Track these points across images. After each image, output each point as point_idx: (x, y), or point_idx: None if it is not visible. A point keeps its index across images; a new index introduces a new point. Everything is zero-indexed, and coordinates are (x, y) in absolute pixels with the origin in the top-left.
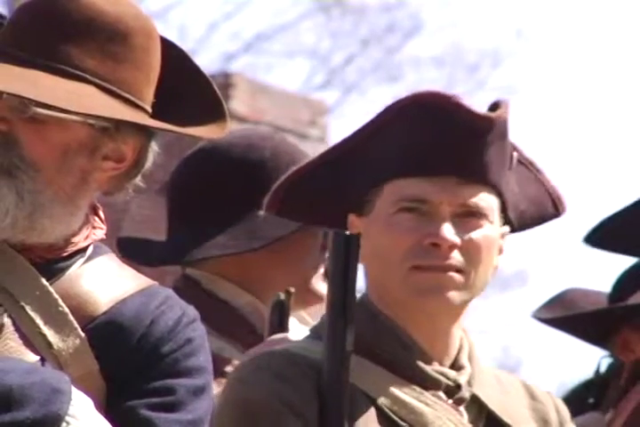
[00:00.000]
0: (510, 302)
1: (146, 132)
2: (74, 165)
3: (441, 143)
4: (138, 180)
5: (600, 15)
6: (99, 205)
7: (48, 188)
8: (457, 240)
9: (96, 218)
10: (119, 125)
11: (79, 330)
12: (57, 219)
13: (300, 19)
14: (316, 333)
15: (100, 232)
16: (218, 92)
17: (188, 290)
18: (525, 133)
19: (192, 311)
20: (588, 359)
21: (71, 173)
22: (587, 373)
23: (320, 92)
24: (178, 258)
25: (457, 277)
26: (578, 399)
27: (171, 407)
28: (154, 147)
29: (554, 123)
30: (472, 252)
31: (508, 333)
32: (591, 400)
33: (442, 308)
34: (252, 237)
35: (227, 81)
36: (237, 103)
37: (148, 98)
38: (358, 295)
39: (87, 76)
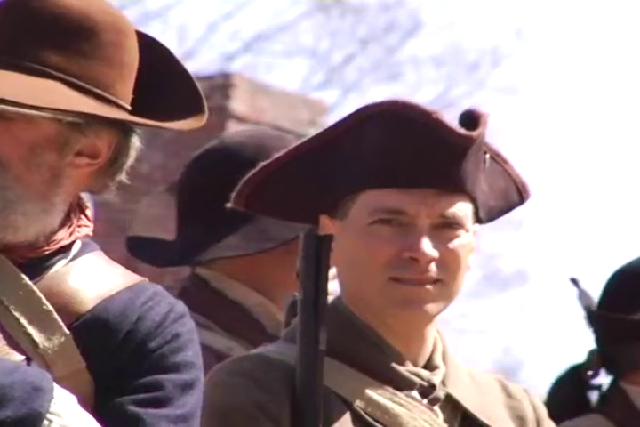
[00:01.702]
0: (510, 302)
1: (122, 128)
2: (42, 161)
3: (421, 157)
4: (122, 177)
5: (600, 15)
6: (87, 204)
7: (17, 184)
8: (435, 254)
9: (82, 216)
10: (90, 120)
11: (64, 328)
12: (31, 216)
13: (299, 19)
14: (288, 336)
15: (86, 230)
16: (198, 85)
17: (198, 290)
18: (524, 133)
19: (180, 307)
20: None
21: (40, 170)
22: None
23: (319, 91)
24: (189, 259)
25: (435, 289)
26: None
27: (159, 403)
28: (135, 143)
29: (553, 122)
30: (450, 263)
31: (508, 333)
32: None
33: (419, 318)
34: (263, 237)
35: (227, 81)
36: (237, 103)
37: (123, 94)
38: (331, 297)
39: (52, 72)
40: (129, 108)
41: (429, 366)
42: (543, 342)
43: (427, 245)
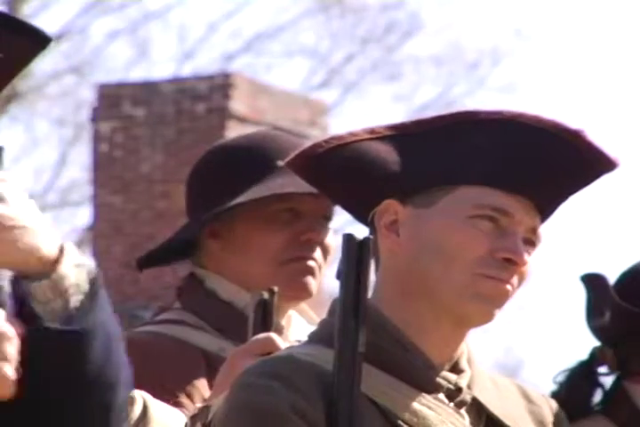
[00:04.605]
0: (511, 302)
1: None
2: None
3: (541, 168)
4: None
5: (600, 15)
6: None
7: None
8: (527, 262)
9: None
10: None
11: None
12: None
13: (299, 18)
14: (315, 338)
15: None
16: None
17: (192, 290)
18: None
19: None
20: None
21: None
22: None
23: (320, 91)
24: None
25: (510, 292)
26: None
27: None
28: None
29: None
30: (521, 278)
31: (509, 333)
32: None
33: (493, 316)
34: None
35: (227, 81)
36: (237, 103)
37: None
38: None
39: None
40: None
41: (456, 369)
42: (544, 342)
43: (523, 250)
